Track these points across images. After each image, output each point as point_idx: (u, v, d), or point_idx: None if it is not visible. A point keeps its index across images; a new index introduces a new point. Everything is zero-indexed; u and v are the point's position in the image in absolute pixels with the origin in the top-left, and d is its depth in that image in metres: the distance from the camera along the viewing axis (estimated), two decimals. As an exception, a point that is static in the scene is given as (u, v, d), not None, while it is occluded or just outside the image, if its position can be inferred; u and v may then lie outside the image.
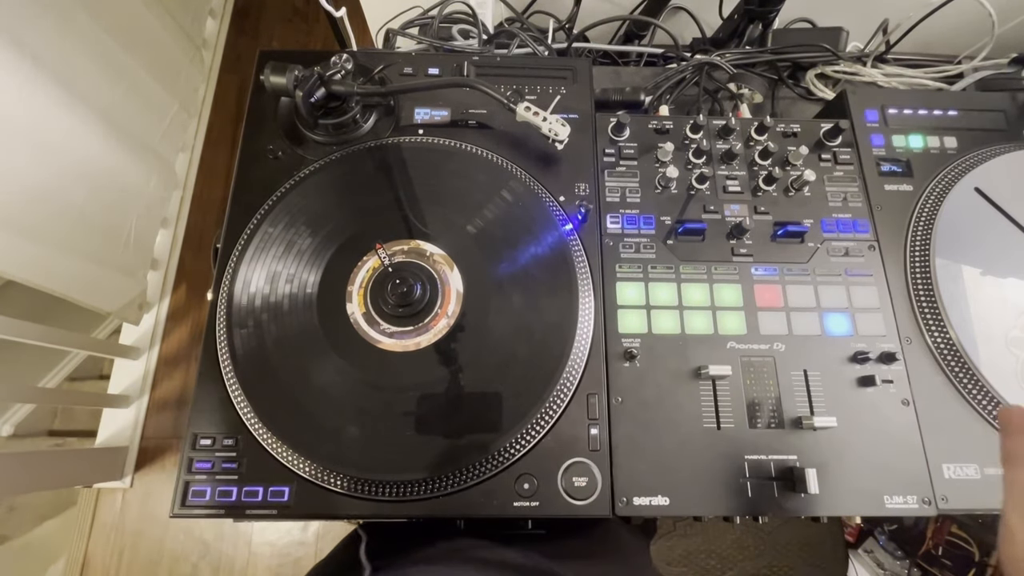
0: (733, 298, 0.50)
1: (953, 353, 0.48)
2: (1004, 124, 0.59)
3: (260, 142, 0.54)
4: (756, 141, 0.57)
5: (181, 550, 1.32)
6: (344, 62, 0.51)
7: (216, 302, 0.48)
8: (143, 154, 1.33)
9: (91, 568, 1.32)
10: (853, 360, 0.48)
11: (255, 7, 1.89)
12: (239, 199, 0.52)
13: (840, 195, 0.55)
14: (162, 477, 1.36)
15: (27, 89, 0.96)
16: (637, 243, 0.52)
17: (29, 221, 1.00)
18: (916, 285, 0.51)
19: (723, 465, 0.45)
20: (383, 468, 0.43)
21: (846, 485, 0.45)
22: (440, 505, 0.43)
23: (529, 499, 0.43)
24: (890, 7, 0.74)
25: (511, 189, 0.52)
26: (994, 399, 0.47)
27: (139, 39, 1.30)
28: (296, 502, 0.43)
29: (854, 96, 0.60)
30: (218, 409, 0.45)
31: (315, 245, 0.49)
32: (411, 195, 0.52)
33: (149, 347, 1.44)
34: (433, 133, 0.55)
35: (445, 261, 0.49)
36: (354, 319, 0.47)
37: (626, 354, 0.48)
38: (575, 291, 0.48)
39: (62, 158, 1.06)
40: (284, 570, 1.32)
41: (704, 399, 0.47)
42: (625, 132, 0.56)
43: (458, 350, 0.46)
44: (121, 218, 1.28)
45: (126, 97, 1.25)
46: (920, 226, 0.53)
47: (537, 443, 0.45)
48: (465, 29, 0.72)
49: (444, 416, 0.45)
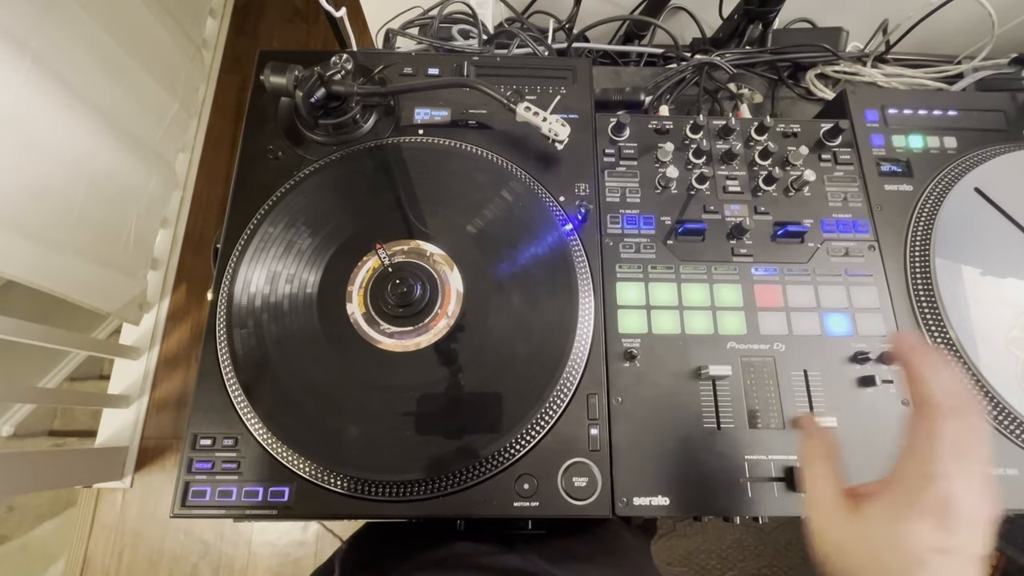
0: (733, 298, 0.50)
1: (953, 353, 0.48)
2: (1004, 124, 0.59)
3: (260, 142, 0.54)
4: (756, 141, 0.57)
5: (181, 550, 1.33)
6: (344, 62, 0.51)
7: (216, 302, 0.48)
8: (143, 154, 1.33)
9: (91, 568, 1.32)
10: (853, 360, 0.48)
11: (255, 7, 1.89)
12: (239, 199, 0.52)
13: (840, 195, 0.55)
14: (162, 477, 1.36)
15: (27, 89, 0.96)
16: (637, 243, 0.52)
17: (29, 221, 1.00)
18: (916, 285, 0.51)
19: (723, 465, 0.45)
20: (383, 468, 0.43)
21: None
22: (440, 505, 0.43)
23: (529, 499, 0.43)
24: (890, 7, 0.74)
25: (511, 189, 0.52)
26: (994, 399, 0.47)
27: (139, 39, 1.30)
28: (296, 502, 0.43)
29: (854, 96, 0.60)
30: (218, 409, 0.45)
31: (315, 245, 0.49)
32: (411, 195, 0.52)
33: (149, 347, 1.44)
34: (433, 133, 0.55)
35: (445, 261, 0.49)
36: (354, 319, 0.47)
37: (626, 354, 0.48)
38: (575, 291, 0.48)
39: (62, 158, 1.06)
40: (284, 570, 1.32)
41: (704, 399, 0.47)
42: (625, 132, 0.56)
43: (458, 350, 0.46)
44: (121, 218, 1.28)
45: (126, 97, 1.25)
46: (920, 226, 0.53)
47: (537, 443, 0.45)
48: (465, 29, 0.72)
49: (444, 416, 0.45)
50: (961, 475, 0.27)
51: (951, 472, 0.27)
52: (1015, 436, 0.47)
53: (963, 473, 0.27)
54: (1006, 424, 0.47)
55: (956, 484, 0.26)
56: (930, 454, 0.27)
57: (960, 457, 0.27)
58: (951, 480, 0.26)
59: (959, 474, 0.27)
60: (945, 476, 0.26)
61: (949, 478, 0.26)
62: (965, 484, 0.26)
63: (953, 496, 0.26)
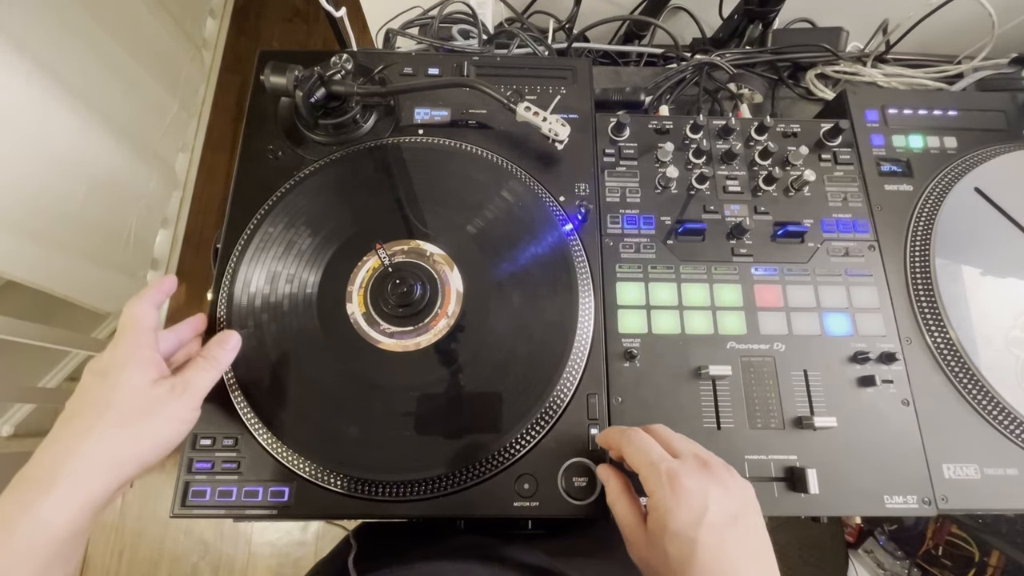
0: (733, 298, 0.50)
1: (953, 353, 0.48)
2: (1004, 124, 0.59)
3: (260, 142, 0.54)
4: (756, 141, 0.57)
5: (181, 550, 1.33)
6: (344, 62, 0.51)
7: (216, 302, 0.48)
8: (143, 154, 1.33)
9: (91, 568, 1.32)
10: (853, 360, 0.48)
11: (255, 7, 1.89)
12: (239, 199, 0.52)
13: (840, 195, 0.55)
14: (162, 477, 1.36)
15: (27, 89, 0.96)
16: (637, 243, 0.52)
17: (29, 221, 1.00)
18: (916, 285, 0.51)
19: (723, 465, 0.45)
20: (383, 468, 0.43)
21: (846, 485, 0.45)
22: (440, 505, 0.43)
23: (529, 499, 0.43)
24: (890, 7, 0.74)
25: (511, 189, 0.52)
26: (994, 399, 0.47)
27: (139, 39, 1.30)
28: (296, 502, 0.43)
29: (854, 96, 0.60)
30: (218, 409, 0.45)
31: (315, 245, 0.49)
32: (411, 195, 0.52)
33: (149, 347, 1.44)
34: (433, 133, 0.55)
35: (445, 261, 0.49)
36: (354, 319, 0.47)
37: (626, 354, 0.48)
38: (575, 291, 0.48)
39: (62, 158, 1.06)
40: (284, 570, 1.32)
41: (704, 399, 0.47)
42: (625, 132, 0.56)
43: (458, 350, 0.46)
44: (121, 218, 1.28)
45: (126, 97, 1.25)
46: (920, 226, 0.53)
47: (537, 443, 0.45)
48: (465, 29, 0.72)
49: (444, 416, 0.45)
50: (675, 467, 0.35)
51: (674, 469, 0.35)
52: (1015, 436, 0.47)
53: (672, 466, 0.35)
54: (1006, 424, 0.47)
55: (681, 472, 0.35)
56: (651, 475, 0.36)
57: (652, 457, 0.36)
58: (676, 472, 0.35)
59: (678, 466, 0.35)
60: (668, 472, 0.35)
61: (673, 471, 0.35)
62: (686, 470, 0.35)
63: (675, 472, 0.35)
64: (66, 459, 0.34)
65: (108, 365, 0.37)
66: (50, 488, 0.33)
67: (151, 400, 0.37)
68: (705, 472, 0.35)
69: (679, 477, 0.34)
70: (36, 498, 0.32)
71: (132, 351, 0.38)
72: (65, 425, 0.35)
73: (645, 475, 0.36)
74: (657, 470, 0.35)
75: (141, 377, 0.37)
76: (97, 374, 0.37)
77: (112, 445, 0.35)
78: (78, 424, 0.35)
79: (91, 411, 0.36)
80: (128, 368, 0.37)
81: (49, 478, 0.33)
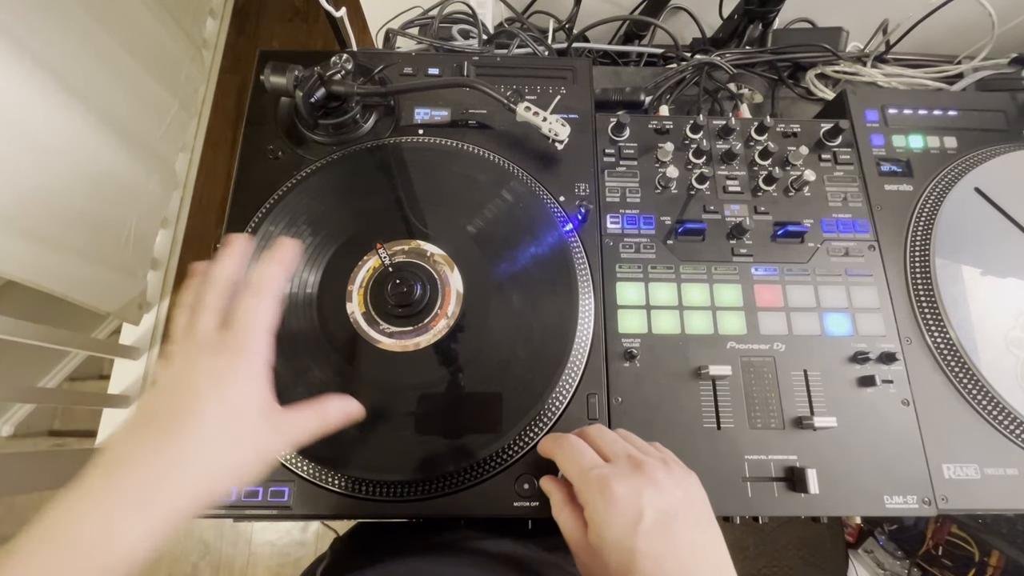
0: (733, 298, 0.50)
1: (953, 353, 0.48)
2: (1004, 124, 0.59)
3: (260, 142, 0.54)
4: (756, 141, 0.57)
5: (181, 550, 1.33)
6: (344, 62, 0.51)
7: (216, 302, 0.48)
8: (143, 154, 1.33)
9: (91, 568, 1.31)
10: (853, 360, 0.48)
11: (255, 7, 1.89)
12: (239, 199, 0.52)
13: (840, 195, 0.55)
14: (162, 477, 1.36)
15: (27, 89, 0.96)
16: (637, 243, 0.52)
17: (29, 221, 1.00)
18: (916, 285, 0.51)
19: (723, 465, 0.45)
20: (383, 468, 0.43)
21: (846, 485, 0.45)
22: (440, 505, 0.43)
23: (529, 499, 0.43)
24: (890, 7, 0.74)
25: (511, 189, 0.52)
26: (994, 399, 0.47)
27: (139, 39, 1.30)
28: (296, 502, 0.43)
29: (854, 96, 0.60)
30: (218, 409, 0.45)
31: (315, 245, 0.49)
32: (411, 195, 0.52)
33: (149, 347, 1.44)
34: (433, 133, 0.55)
35: (445, 261, 0.49)
36: (354, 319, 0.47)
37: (626, 354, 0.48)
38: (575, 291, 0.48)
39: (62, 158, 1.06)
40: (284, 570, 1.32)
41: (704, 399, 0.47)
42: (625, 132, 0.56)
43: (458, 350, 0.46)
44: (121, 218, 1.28)
45: (126, 97, 1.25)
46: (920, 226, 0.53)
47: (537, 443, 0.45)
48: (465, 29, 0.72)
49: (444, 416, 0.45)
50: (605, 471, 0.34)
51: (604, 473, 0.34)
52: (1015, 436, 0.47)
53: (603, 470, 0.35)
54: (1006, 424, 0.47)
55: (611, 476, 0.34)
56: (582, 485, 0.35)
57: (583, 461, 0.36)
58: (607, 478, 0.34)
59: (609, 471, 0.34)
60: (598, 477, 0.34)
61: (603, 475, 0.34)
62: (617, 474, 0.34)
63: (605, 478, 0.33)
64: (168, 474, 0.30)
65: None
66: (146, 506, 0.29)
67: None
68: (637, 474, 0.34)
69: (609, 484, 0.33)
70: (127, 517, 0.28)
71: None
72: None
73: (577, 486, 0.35)
74: (588, 478, 0.34)
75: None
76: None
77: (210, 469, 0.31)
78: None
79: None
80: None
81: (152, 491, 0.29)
